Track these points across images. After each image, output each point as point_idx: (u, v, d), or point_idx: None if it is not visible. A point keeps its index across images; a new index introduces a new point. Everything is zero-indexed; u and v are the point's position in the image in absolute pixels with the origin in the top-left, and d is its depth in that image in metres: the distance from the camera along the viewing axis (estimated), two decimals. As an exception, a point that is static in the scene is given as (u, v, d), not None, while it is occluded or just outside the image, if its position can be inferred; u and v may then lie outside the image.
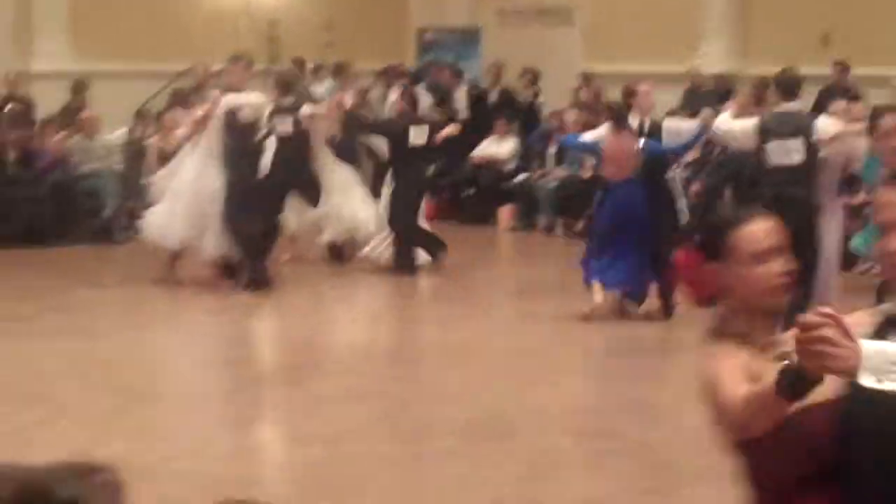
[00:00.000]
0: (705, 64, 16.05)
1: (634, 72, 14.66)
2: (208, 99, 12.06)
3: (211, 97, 11.92)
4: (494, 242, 15.59)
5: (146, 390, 8.54)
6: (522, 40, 17.71)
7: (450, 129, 13.24)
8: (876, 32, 14.91)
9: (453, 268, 12.96)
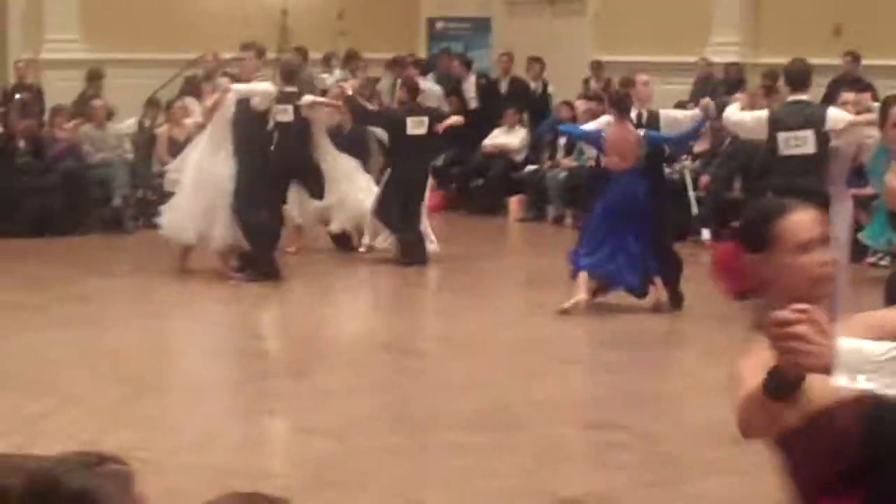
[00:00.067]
0: (716, 54, 16.00)
1: (645, 62, 14.61)
2: (218, 87, 12.06)
3: (220, 86, 11.91)
4: (504, 233, 15.56)
5: (155, 381, 8.56)
6: (533, 30, 17.68)
7: (452, 119, 13.19)
8: (887, 23, 14.84)
9: (462, 258, 12.96)
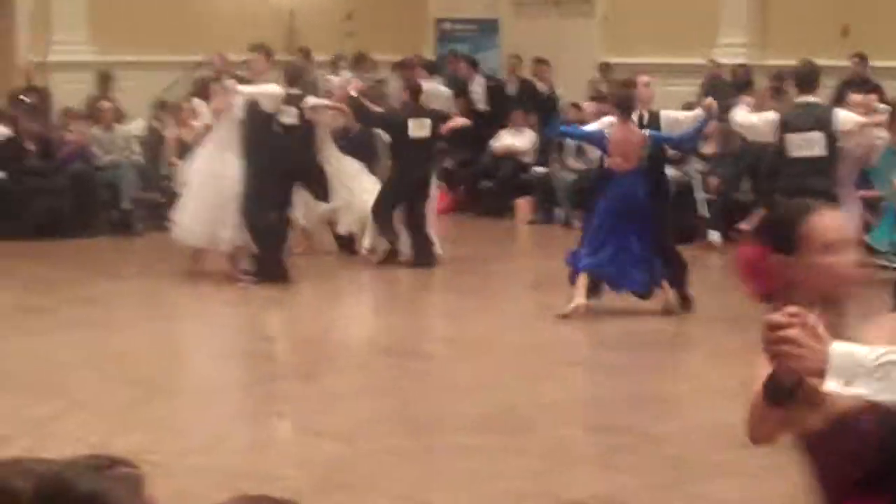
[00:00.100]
0: (723, 56, 15.99)
1: (652, 63, 14.61)
2: (225, 89, 12.06)
3: (227, 88, 11.92)
4: (512, 235, 15.55)
5: (164, 383, 8.57)
6: (540, 31, 17.67)
7: (457, 121, 13.17)
8: (895, 24, 14.82)
9: (469, 260, 12.96)
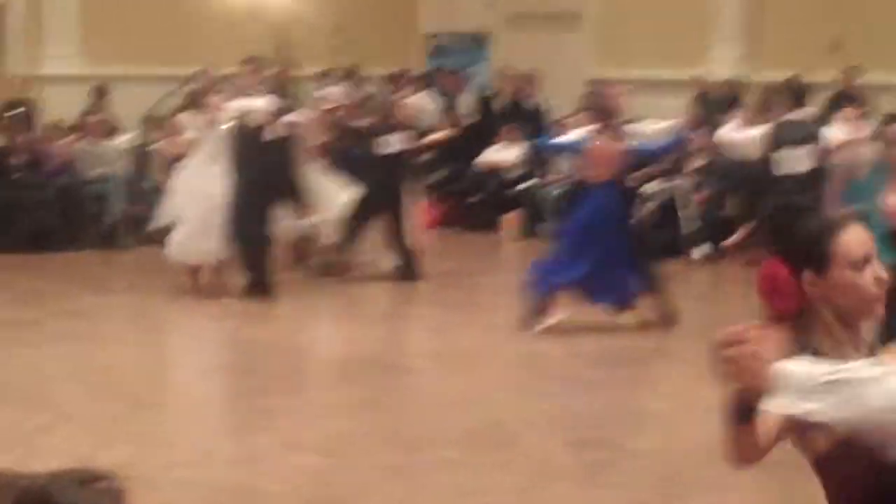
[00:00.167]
0: (715, 70, 16.02)
1: (643, 78, 14.64)
2: (212, 103, 12.05)
3: (213, 102, 11.91)
4: (498, 249, 15.54)
5: (149, 397, 8.56)
6: (531, 45, 17.70)
7: (438, 136, 13.13)
8: (887, 40, 14.87)
9: (455, 275, 12.95)
